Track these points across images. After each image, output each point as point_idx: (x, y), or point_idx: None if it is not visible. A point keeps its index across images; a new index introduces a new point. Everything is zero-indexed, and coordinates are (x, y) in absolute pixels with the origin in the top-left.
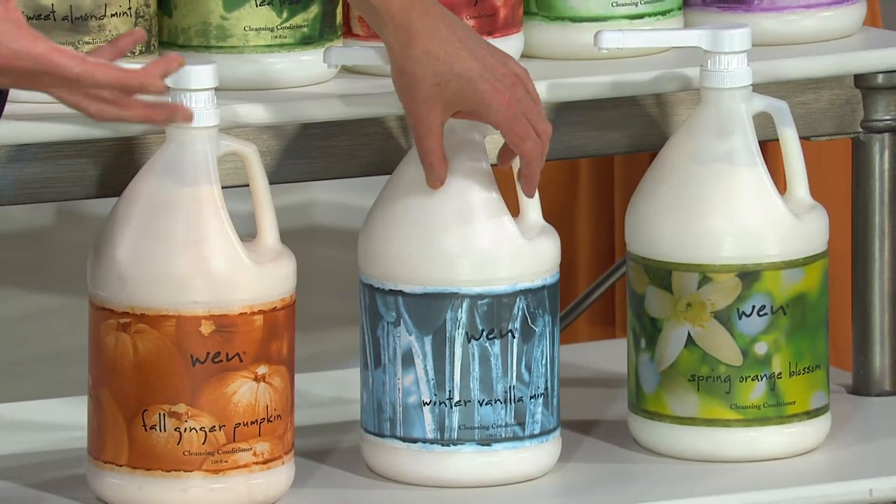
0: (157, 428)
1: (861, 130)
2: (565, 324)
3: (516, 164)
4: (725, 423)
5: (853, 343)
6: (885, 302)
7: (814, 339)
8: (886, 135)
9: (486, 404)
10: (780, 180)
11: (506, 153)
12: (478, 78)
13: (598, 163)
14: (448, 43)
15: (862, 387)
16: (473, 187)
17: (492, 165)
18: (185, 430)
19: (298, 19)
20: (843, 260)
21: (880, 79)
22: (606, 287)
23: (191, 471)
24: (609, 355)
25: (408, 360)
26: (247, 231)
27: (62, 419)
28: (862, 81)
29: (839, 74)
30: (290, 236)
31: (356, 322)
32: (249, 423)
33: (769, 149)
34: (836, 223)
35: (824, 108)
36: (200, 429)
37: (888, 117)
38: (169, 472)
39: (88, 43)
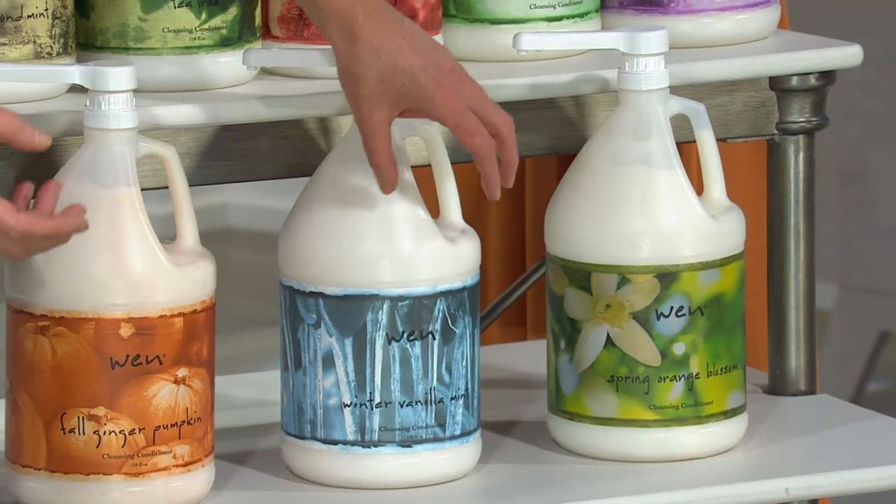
0: (76, 431)
1: (776, 132)
2: (482, 326)
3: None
4: (644, 424)
5: (769, 343)
6: (800, 302)
7: (730, 339)
8: (801, 136)
9: (407, 406)
10: (696, 181)
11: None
12: (421, 73)
13: None
14: (392, 40)
15: (778, 387)
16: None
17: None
18: (105, 433)
19: (217, 21)
20: (758, 261)
21: (794, 81)
22: (524, 289)
23: (110, 474)
24: (526, 356)
25: (328, 361)
26: (166, 233)
27: None
28: (776, 84)
29: (754, 77)
30: (205, 238)
31: (272, 324)
32: (169, 426)
33: (686, 150)
34: (751, 224)
35: (740, 110)
36: (120, 432)
37: (802, 119)
38: (88, 475)
39: (4, 44)
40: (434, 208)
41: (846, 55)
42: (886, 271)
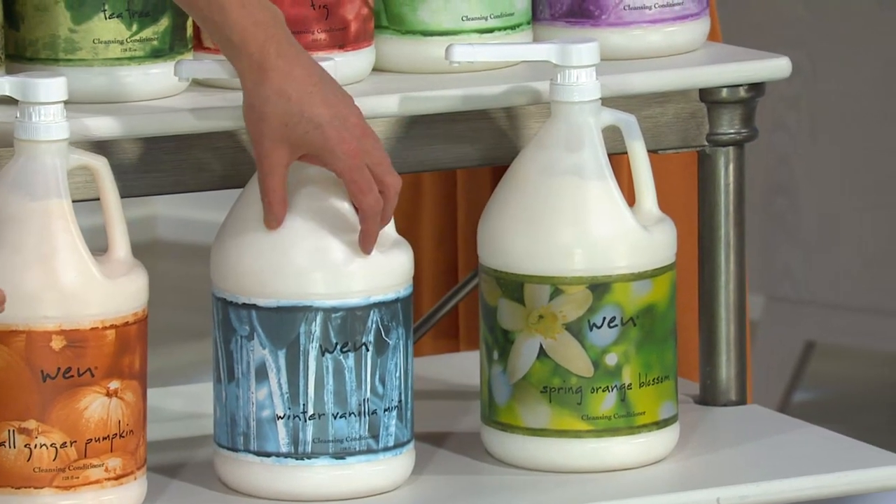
0: (7, 444)
1: (706, 144)
2: (415, 337)
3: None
4: (577, 434)
5: (700, 354)
6: (730, 313)
7: (662, 350)
8: (731, 148)
9: (341, 417)
10: (628, 192)
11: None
12: (326, 124)
13: (441, 178)
14: (301, 85)
15: (709, 397)
16: (324, 200)
17: None
18: (36, 446)
19: (148, 32)
20: (689, 271)
21: (724, 93)
22: (457, 301)
23: (41, 487)
24: (459, 368)
25: (261, 373)
26: (97, 245)
27: None
28: (707, 95)
29: (684, 88)
30: (133, 250)
31: (201, 335)
32: (101, 439)
33: (617, 162)
34: (682, 235)
35: (670, 121)
36: (51, 445)
37: (732, 131)
38: (19, 488)
39: None
40: None
41: (775, 67)
42: (812, 282)
